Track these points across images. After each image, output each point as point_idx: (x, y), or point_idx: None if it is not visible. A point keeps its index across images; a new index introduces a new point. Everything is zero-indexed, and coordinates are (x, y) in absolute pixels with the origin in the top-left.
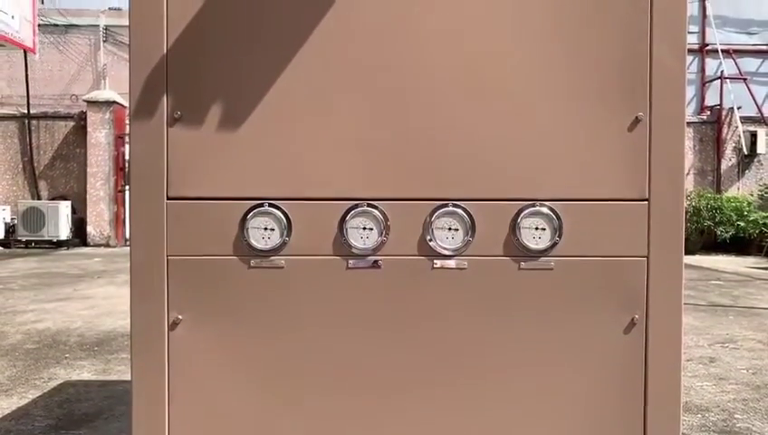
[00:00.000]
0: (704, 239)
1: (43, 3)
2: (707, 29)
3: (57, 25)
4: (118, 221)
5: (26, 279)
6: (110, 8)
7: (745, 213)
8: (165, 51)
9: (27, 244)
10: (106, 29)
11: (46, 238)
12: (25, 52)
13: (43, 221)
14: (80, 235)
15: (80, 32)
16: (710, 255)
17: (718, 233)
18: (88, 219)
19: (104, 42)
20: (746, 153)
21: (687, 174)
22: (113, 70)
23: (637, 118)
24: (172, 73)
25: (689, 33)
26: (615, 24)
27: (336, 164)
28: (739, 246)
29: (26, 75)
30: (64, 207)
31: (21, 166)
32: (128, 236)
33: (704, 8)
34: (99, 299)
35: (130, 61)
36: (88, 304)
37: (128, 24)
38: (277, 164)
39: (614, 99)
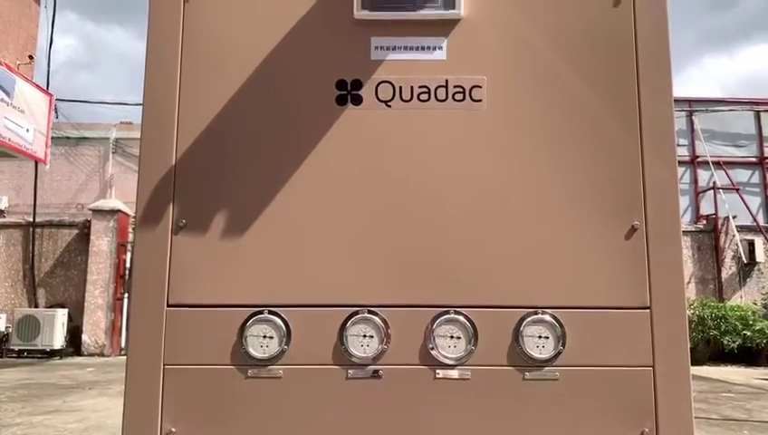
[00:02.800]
0: (711, 349)
1: (57, 117)
2: (697, 141)
3: (69, 138)
4: (114, 330)
5: (15, 390)
6: (121, 122)
7: (751, 322)
8: (174, 161)
9: (20, 353)
10: (116, 141)
11: (39, 347)
12: (36, 162)
13: (37, 330)
14: (74, 344)
15: (90, 144)
16: (718, 365)
17: (725, 343)
18: (84, 327)
19: (113, 153)
20: (746, 262)
21: (689, 282)
22: (120, 180)
23: (633, 227)
24: (179, 183)
25: (679, 145)
26: (607, 139)
27: (336, 271)
28: (747, 356)
29: (35, 185)
30: (61, 315)
31: (22, 273)
32: (123, 345)
33: (691, 122)
34: (89, 412)
35: (140, 170)
36: (77, 417)
37: (139, 136)
38: (278, 271)
39: (610, 208)
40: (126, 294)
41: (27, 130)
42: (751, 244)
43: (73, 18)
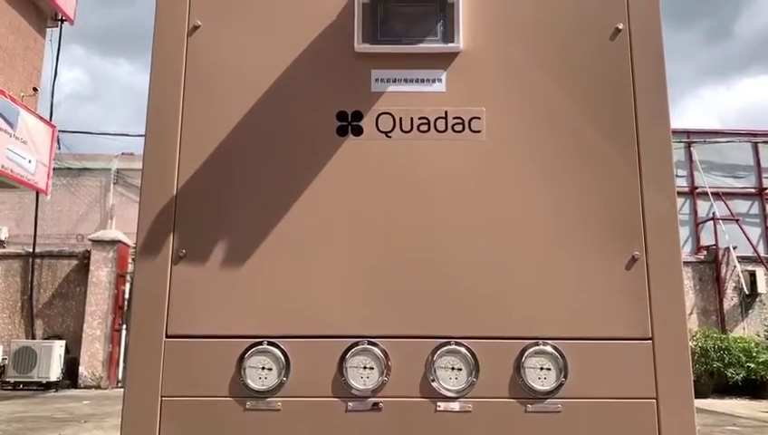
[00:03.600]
0: (714, 382)
1: (60, 148)
2: (695, 173)
3: (71, 169)
4: (112, 362)
5: (9, 423)
6: (122, 153)
7: (754, 354)
8: (175, 191)
9: (15, 386)
10: (117, 172)
11: (35, 380)
12: (38, 193)
13: (34, 361)
14: (70, 376)
15: (92, 174)
16: (722, 398)
17: (729, 375)
18: (81, 359)
19: (114, 183)
20: (747, 293)
21: (690, 314)
22: (121, 210)
23: (633, 257)
24: (180, 213)
25: (678, 176)
26: (605, 170)
27: (336, 301)
28: (752, 388)
29: (36, 215)
30: (58, 347)
31: (20, 304)
32: (121, 377)
33: (690, 154)
34: None
35: (141, 199)
36: None
37: (140, 167)
38: (277, 302)
39: (610, 239)
40: (124, 326)
41: (29, 161)
42: (752, 275)
43: (81, 52)
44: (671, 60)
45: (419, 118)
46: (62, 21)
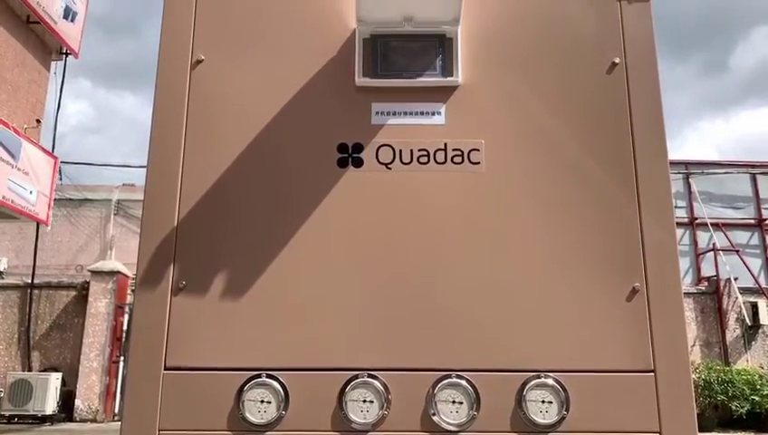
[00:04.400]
0: (718, 415)
1: (61, 180)
2: (695, 203)
3: (72, 200)
4: (108, 394)
5: None
6: (123, 184)
7: (758, 386)
8: (176, 222)
9: (10, 419)
10: (118, 203)
11: (31, 413)
12: (38, 223)
13: (30, 394)
14: (66, 409)
15: (92, 205)
16: (727, 432)
17: (733, 408)
18: (77, 392)
19: (115, 214)
20: (750, 324)
21: (693, 346)
22: (120, 241)
23: (634, 288)
24: (180, 244)
25: (677, 207)
26: (604, 202)
27: (336, 333)
28: (756, 421)
29: (35, 246)
30: (54, 379)
31: (17, 336)
32: (117, 410)
33: (689, 185)
34: None
35: (142, 230)
36: None
37: (141, 198)
38: (277, 334)
39: (610, 270)
40: (122, 358)
41: (30, 192)
42: (754, 306)
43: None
44: (668, 92)
45: (419, 150)
46: (67, 54)
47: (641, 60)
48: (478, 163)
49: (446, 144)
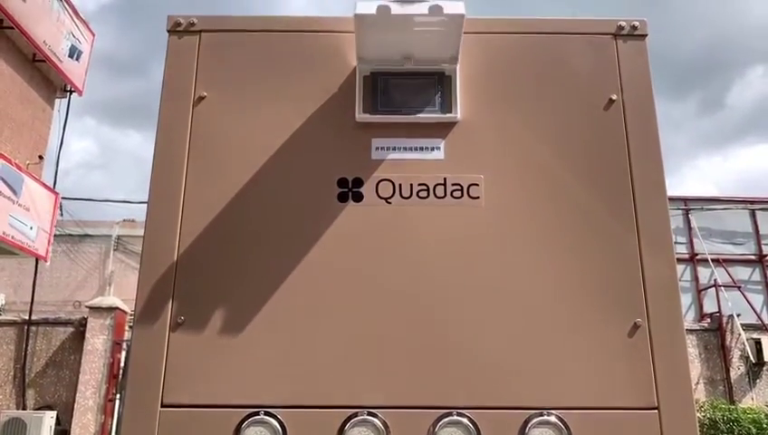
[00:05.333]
0: None
1: (62, 215)
2: (695, 239)
3: (72, 235)
4: (104, 433)
5: None
6: (124, 220)
7: (765, 425)
8: (175, 258)
9: None
10: (118, 238)
11: None
12: (37, 259)
13: (24, 433)
14: None
15: (92, 241)
16: None
17: None
18: (72, 431)
19: (114, 250)
20: (754, 362)
21: (697, 383)
22: (119, 277)
23: (635, 324)
24: (180, 279)
25: (678, 243)
26: (604, 238)
27: (335, 370)
28: None
29: (34, 282)
30: (49, 418)
31: (13, 373)
32: None
33: (688, 220)
34: None
35: (141, 265)
36: None
37: (141, 233)
38: (275, 371)
39: (611, 307)
40: (118, 395)
41: (31, 228)
42: (758, 343)
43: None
44: (666, 131)
45: (419, 184)
46: (71, 92)
47: (638, 96)
48: (478, 198)
49: (445, 179)
